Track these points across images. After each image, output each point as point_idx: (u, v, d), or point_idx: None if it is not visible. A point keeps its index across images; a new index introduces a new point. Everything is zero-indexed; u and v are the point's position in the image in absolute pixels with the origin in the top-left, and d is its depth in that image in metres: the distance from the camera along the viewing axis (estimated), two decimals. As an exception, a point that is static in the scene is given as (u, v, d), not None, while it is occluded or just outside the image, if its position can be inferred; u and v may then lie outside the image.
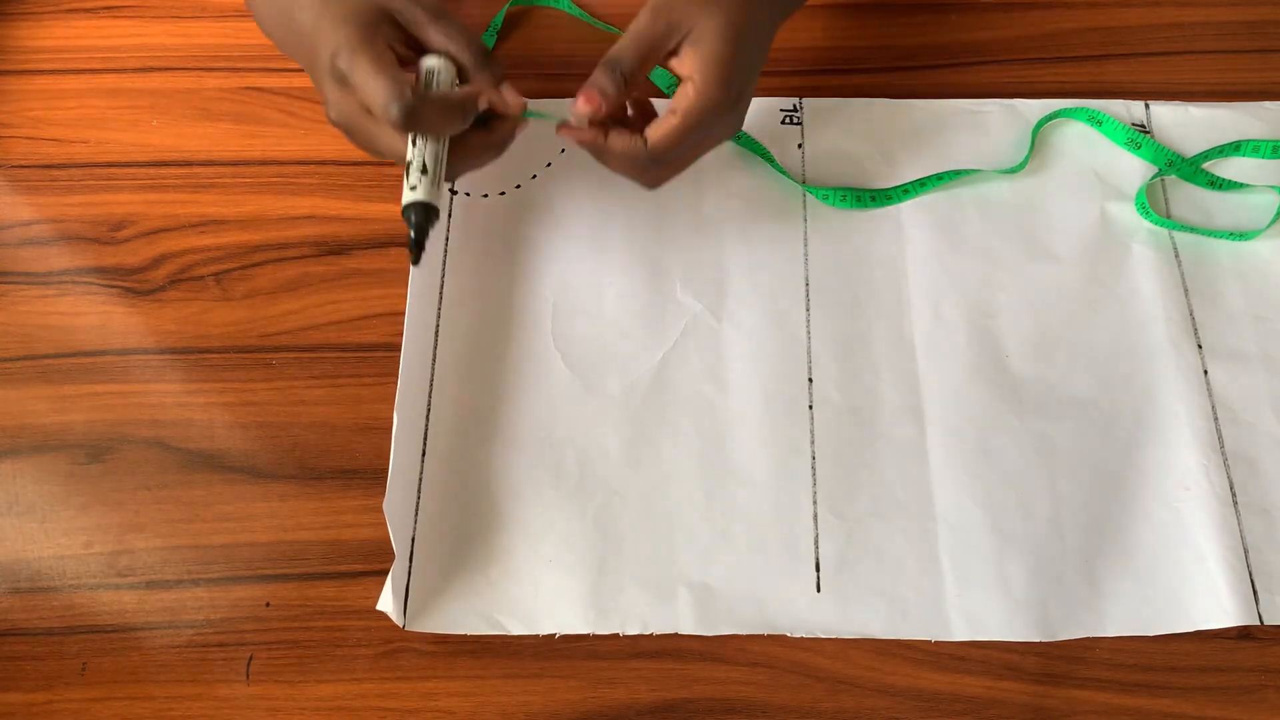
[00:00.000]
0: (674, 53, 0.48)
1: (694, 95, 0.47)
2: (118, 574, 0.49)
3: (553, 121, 0.49)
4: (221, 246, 0.56)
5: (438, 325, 0.54)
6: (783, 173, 0.57)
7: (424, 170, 0.46)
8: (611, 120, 0.48)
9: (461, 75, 0.47)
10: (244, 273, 0.56)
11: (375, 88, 0.44)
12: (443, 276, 0.55)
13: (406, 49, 0.47)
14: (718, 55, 0.47)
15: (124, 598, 0.48)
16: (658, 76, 0.61)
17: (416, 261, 0.46)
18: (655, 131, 0.48)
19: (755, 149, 0.58)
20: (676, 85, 0.48)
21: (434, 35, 0.47)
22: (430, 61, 0.46)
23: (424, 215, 0.46)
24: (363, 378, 0.52)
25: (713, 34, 0.47)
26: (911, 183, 0.57)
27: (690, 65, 0.47)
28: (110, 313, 0.55)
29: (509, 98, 0.47)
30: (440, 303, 0.54)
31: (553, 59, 0.62)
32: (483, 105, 0.47)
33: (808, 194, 0.57)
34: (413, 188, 0.46)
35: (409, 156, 0.45)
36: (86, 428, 0.52)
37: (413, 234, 0.46)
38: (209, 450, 0.51)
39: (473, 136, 0.47)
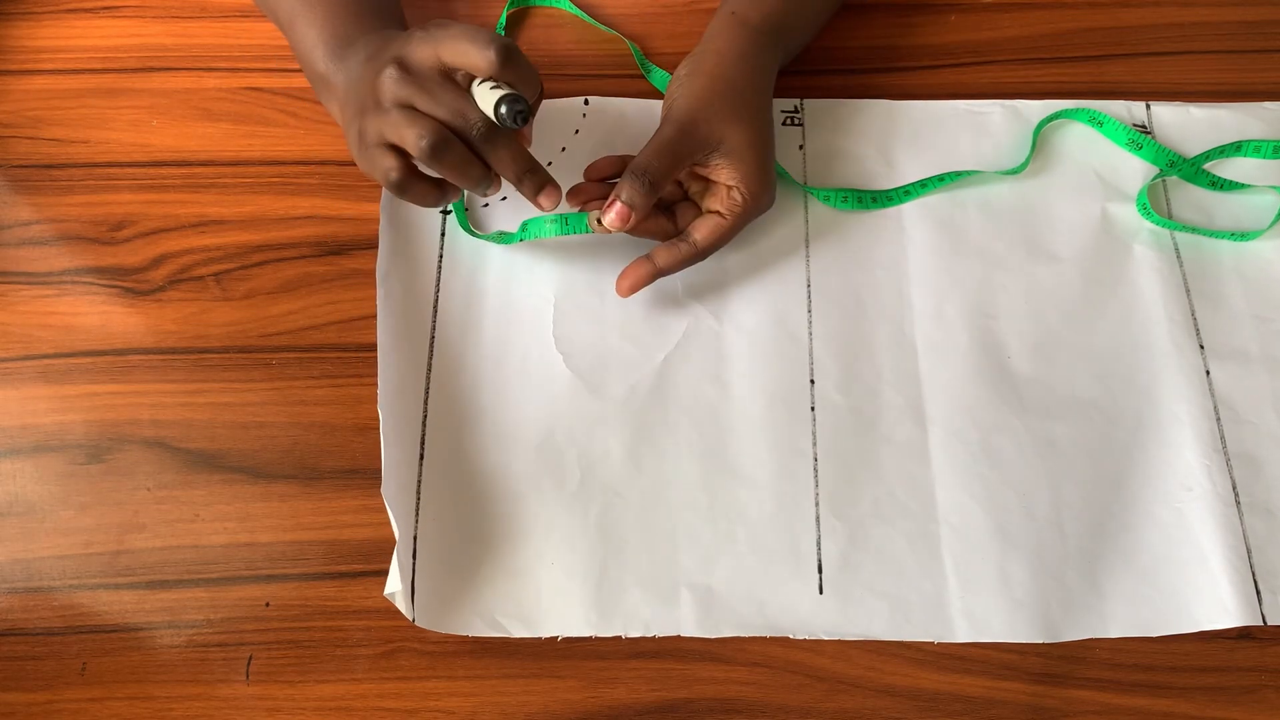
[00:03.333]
0: (701, 163, 0.52)
1: (743, 201, 0.51)
2: (118, 574, 0.49)
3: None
4: (221, 246, 0.56)
5: (434, 326, 0.54)
6: (784, 174, 0.57)
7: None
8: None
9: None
10: (244, 273, 0.56)
11: (467, 32, 0.44)
12: (439, 277, 0.55)
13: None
14: (757, 165, 0.52)
15: (124, 598, 0.48)
16: (657, 78, 0.61)
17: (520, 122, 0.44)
18: (702, 232, 0.52)
19: None
20: (705, 183, 0.53)
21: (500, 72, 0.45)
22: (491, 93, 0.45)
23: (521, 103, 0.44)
24: (363, 378, 0.52)
25: (746, 147, 0.51)
26: (913, 184, 0.57)
27: (730, 176, 0.51)
28: (110, 313, 0.55)
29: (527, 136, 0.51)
30: (436, 303, 0.54)
31: (553, 59, 0.62)
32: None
33: (809, 195, 0.57)
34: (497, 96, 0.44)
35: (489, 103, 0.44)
36: (86, 428, 0.52)
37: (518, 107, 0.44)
38: (209, 450, 0.51)
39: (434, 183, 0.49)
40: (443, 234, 0.56)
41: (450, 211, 0.57)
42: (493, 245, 0.56)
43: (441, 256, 0.56)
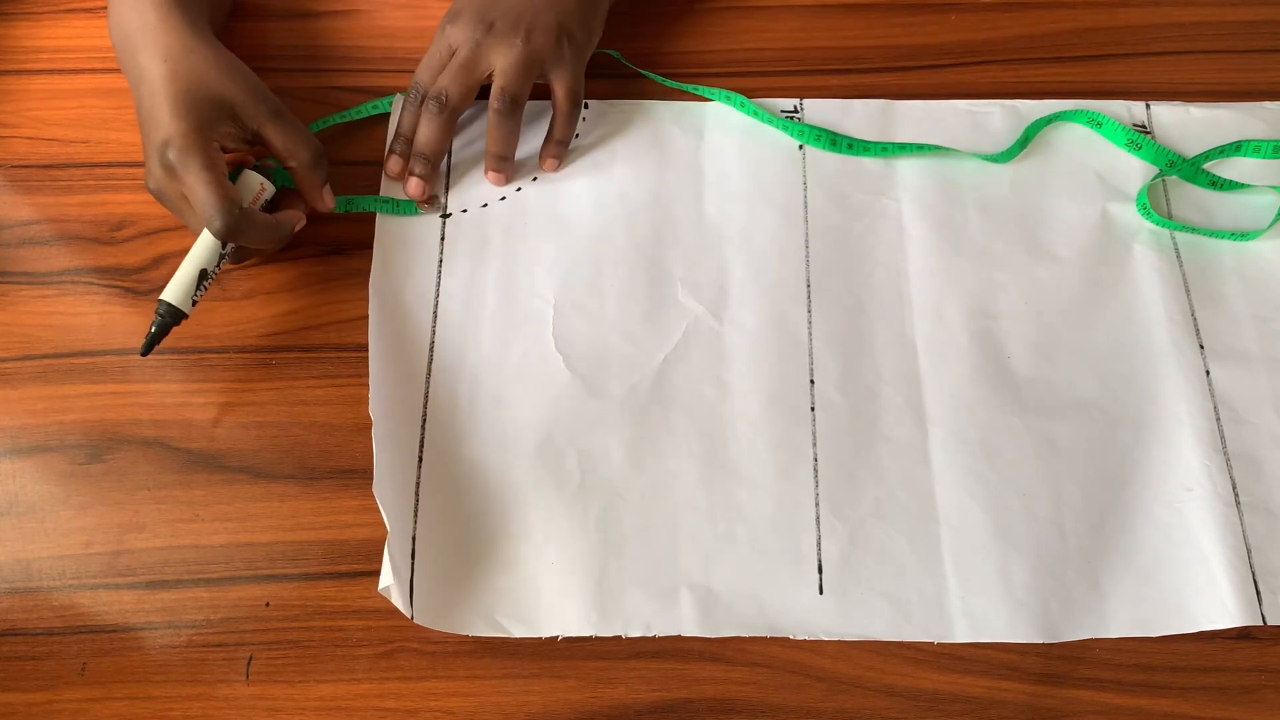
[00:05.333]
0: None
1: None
2: (118, 574, 0.49)
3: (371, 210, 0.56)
4: (221, 246, 0.56)
5: (434, 327, 0.54)
6: (770, 121, 0.59)
7: (203, 277, 0.51)
8: None
9: (294, 175, 0.54)
10: (244, 273, 0.56)
11: (203, 196, 0.49)
12: (439, 278, 0.55)
13: (241, 143, 0.53)
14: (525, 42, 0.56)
15: (124, 598, 0.48)
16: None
17: (145, 353, 0.51)
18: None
19: (747, 109, 0.59)
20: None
21: (273, 135, 0.53)
22: (254, 178, 0.53)
23: (173, 316, 0.51)
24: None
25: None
26: (892, 144, 0.58)
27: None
28: (110, 313, 0.55)
29: (328, 200, 0.55)
30: (437, 304, 0.54)
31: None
32: (298, 227, 0.53)
33: (808, 196, 0.57)
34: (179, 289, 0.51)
35: (203, 262, 0.51)
36: (86, 428, 0.52)
37: (153, 329, 0.51)
38: (209, 450, 0.51)
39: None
40: (442, 237, 0.56)
41: (450, 214, 0.57)
42: (492, 248, 0.56)
43: (441, 259, 0.56)
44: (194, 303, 0.51)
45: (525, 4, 0.56)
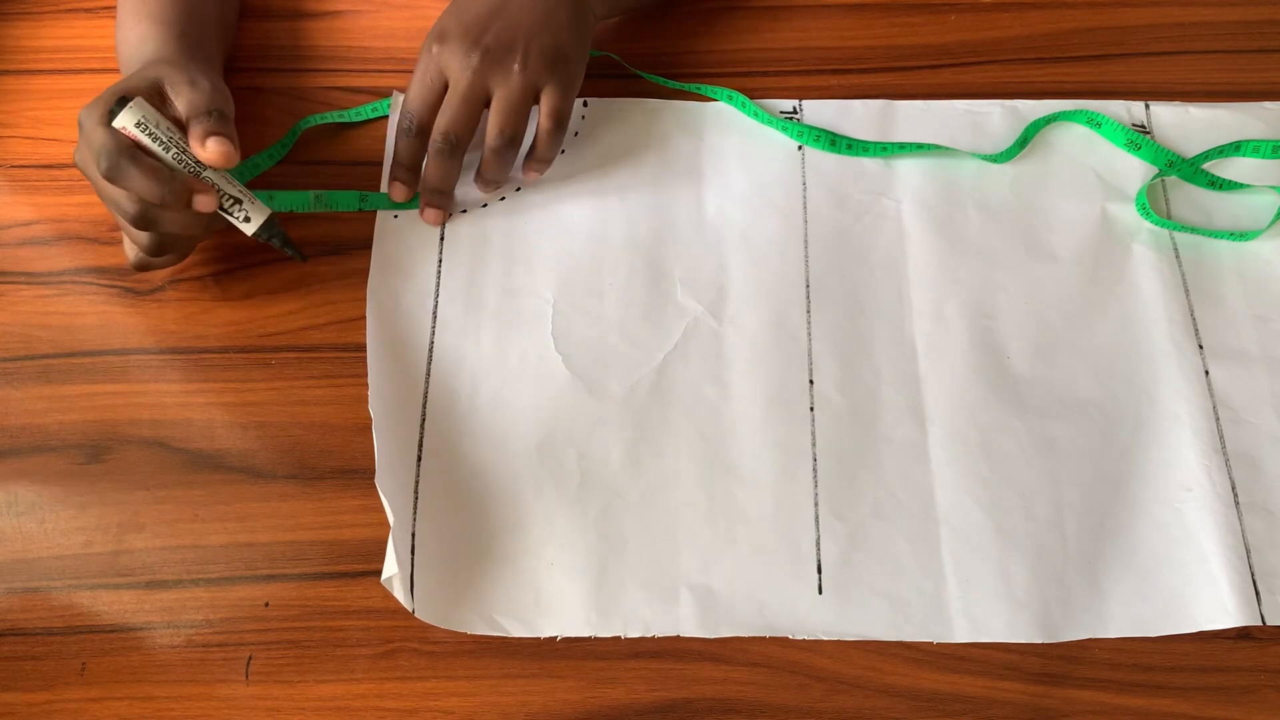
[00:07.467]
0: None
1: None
2: (118, 574, 0.49)
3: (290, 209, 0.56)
4: (221, 246, 0.56)
5: (434, 327, 0.54)
6: (769, 122, 0.59)
7: (238, 201, 0.50)
8: None
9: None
10: (244, 273, 0.56)
11: (95, 137, 0.47)
12: (439, 278, 0.55)
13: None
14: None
15: (124, 598, 0.48)
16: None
17: (305, 257, 0.54)
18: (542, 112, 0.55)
19: (748, 109, 0.59)
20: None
21: (183, 95, 0.49)
22: (138, 111, 0.47)
23: (273, 226, 0.52)
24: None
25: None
26: (891, 144, 0.58)
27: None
28: (110, 313, 0.55)
29: (208, 151, 0.48)
30: (436, 304, 0.54)
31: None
32: (204, 206, 0.49)
33: (808, 196, 0.57)
34: (246, 219, 0.51)
35: (221, 203, 0.50)
36: (86, 428, 0.52)
37: (281, 244, 0.52)
38: (209, 450, 0.51)
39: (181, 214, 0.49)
40: (442, 237, 0.56)
41: (450, 214, 0.57)
42: (492, 245, 0.56)
43: (441, 259, 0.56)
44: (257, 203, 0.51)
45: (517, 23, 0.53)
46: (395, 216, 0.57)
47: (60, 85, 0.61)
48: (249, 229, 0.51)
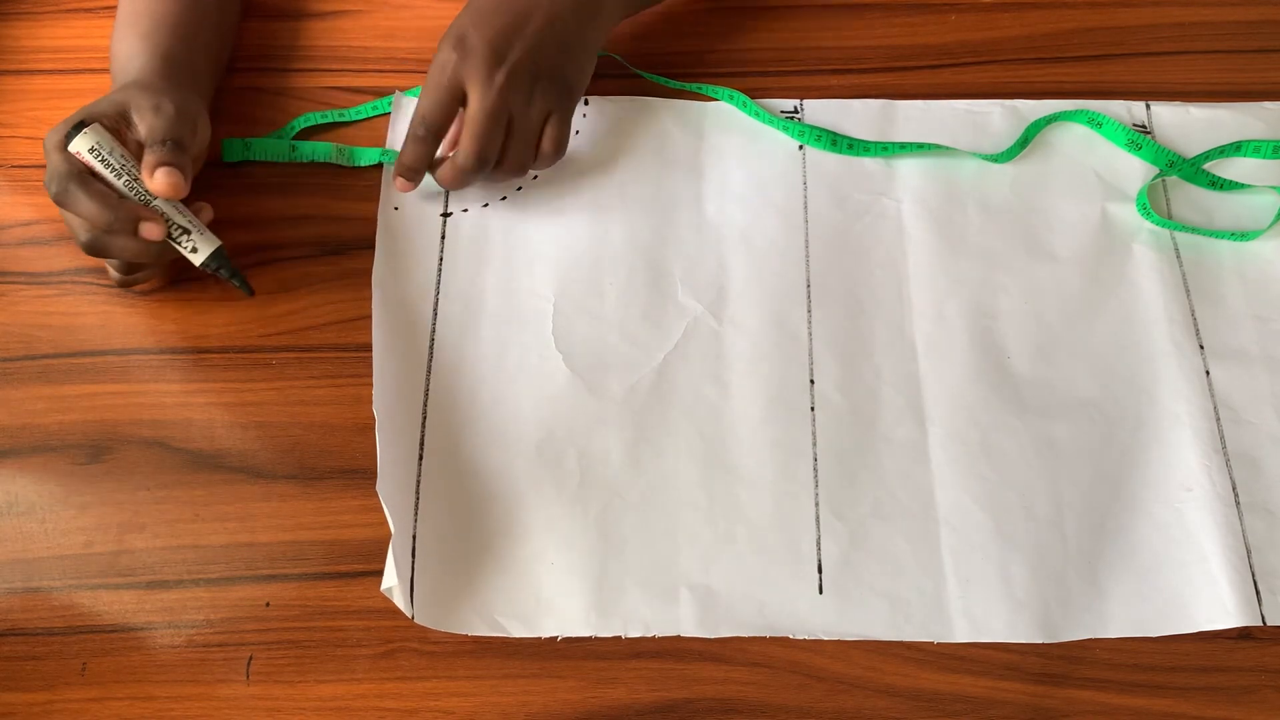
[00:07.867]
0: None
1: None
2: (118, 574, 0.49)
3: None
4: (221, 246, 0.56)
5: (434, 326, 0.54)
6: (770, 121, 0.59)
7: (186, 231, 0.50)
8: None
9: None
10: (244, 273, 0.55)
11: (50, 161, 0.48)
12: (439, 277, 0.55)
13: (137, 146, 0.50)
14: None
15: (124, 598, 0.48)
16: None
17: (253, 291, 0.53)
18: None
19: (749, 109, 0.59)
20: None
21: (144, 121, 0.49)
22: (92, 136, 0.48)
23: (221, 257, 0.51)
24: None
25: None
26: (891, 144, 0.58)
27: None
28: (110, 313, 0.55)
29: (157, 182, 0.48)
30: (437, 303, 0.54)
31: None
32: (152, 234, 0.49)
33: (808, 196, 0.57)
34: (194, 249, 0.51)
35: (170, 232, 0.50)
36: (86, 428, 0.52)
37: (229, 276, 0.52)
38: (209, 450, 0.51)
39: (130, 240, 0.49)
40: (443, 236, 0.56)
41: (450, 214, 0.57)
42: (493, 244, 0.56)
43: (442, 258, 0.56)
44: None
45: (537, 47, 0.53)
46: (396, 209, 0.57)
47: (60, 85, 0.61)
48: (196, 259, 0.51)
